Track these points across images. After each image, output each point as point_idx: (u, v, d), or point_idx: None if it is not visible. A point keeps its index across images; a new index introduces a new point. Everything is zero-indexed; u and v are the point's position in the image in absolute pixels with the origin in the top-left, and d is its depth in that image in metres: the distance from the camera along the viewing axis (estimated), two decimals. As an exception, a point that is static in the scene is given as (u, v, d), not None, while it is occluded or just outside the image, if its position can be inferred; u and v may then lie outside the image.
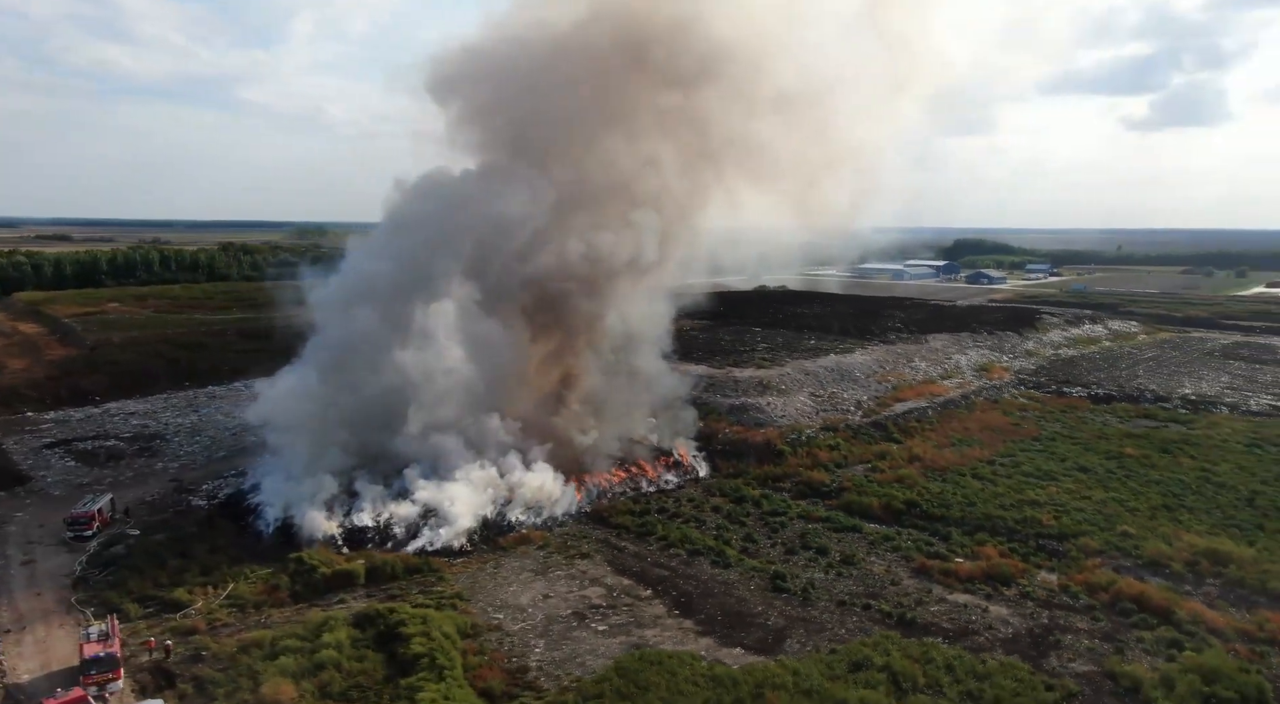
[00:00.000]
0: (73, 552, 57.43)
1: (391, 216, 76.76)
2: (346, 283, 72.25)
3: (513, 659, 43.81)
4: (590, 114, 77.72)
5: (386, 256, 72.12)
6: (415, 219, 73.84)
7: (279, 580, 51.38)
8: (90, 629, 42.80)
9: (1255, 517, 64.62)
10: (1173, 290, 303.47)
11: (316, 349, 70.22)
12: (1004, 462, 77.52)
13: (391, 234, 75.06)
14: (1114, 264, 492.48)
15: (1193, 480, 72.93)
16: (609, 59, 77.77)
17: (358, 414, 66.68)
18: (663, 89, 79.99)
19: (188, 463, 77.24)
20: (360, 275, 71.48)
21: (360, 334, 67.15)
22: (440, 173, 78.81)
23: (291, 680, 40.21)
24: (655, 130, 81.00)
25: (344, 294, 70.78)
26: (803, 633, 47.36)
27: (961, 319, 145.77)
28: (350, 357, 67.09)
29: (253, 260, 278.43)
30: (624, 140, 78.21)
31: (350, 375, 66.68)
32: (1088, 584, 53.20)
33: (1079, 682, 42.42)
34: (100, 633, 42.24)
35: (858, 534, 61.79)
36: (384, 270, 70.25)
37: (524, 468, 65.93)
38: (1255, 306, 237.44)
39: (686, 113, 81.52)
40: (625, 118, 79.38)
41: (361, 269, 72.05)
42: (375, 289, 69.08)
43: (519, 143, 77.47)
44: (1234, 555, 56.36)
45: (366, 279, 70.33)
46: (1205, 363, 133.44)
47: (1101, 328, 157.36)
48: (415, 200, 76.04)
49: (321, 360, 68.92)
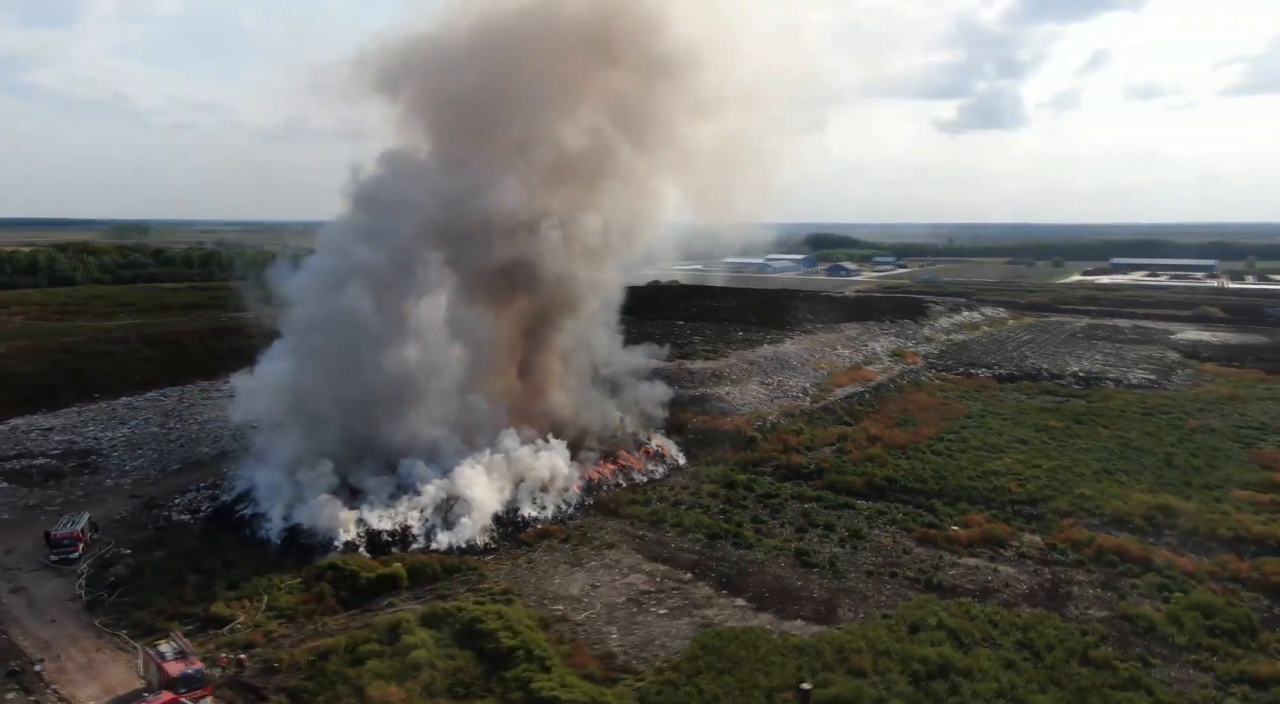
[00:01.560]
0: (62, 575, 53.46)
1: (363, 199, 73.66)
2: (329, 269, 69.06)
3: (594, 646, 44.75)
4: (553, 98, 78.17)
5: (364, 241, 69.59)
6: (390, 203, 71.35)
7: (321, 588, 49.93)
8: (161, 647, 40.55)
9: (1179, 475, 73.31)
10: (1008, 279, 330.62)
11: (297, 343, 67.28)
12: (950, 438, 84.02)
13: (367, 216, 72.07)
14: (949, 256, 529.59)
15: (1115, 447, 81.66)
16: (562, 40, 78.34)
17: (349, 407, 65.06)
18: (614, 74, 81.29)
19: (141, 478, 72.60)
20: (345, 260, 68.36)
21: (351, 325, 64.97)
22: (404, 156, 76.78)
23: (393, 683, 39.75)
24: (609, 117, 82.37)
25: (327, 281, 67.81)
26: (849, 602, 50.61)
27: (858, 309, 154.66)
28: (340, 349, 64.97)
29: (100, 262, 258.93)
30: (581, 125, 79.50)
31: (340, 369, 64.69)
32: (1071, 541, 59.19)
33: (1102, 625, 47.63)
34: (176, 650, 40.17)
35: (851, 511, 65.81)
36: (372, 257, 67.98)
37: (531, 452, 66.61)
38: (1084, 292, 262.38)
39: (637, 105, 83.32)
40: (579, 102, 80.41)
41: (349, 252, 68.90)
42: (363, 276, 66.65)
43: (480, 128, 76.93)
44: (1181, 509, 64.09)
45: (352, 264, 67.47)
46: (1075, 343, 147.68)
47: (978, 314, 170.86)
48: (386, 184, 73.44)
49: (305, 353, 66.18)
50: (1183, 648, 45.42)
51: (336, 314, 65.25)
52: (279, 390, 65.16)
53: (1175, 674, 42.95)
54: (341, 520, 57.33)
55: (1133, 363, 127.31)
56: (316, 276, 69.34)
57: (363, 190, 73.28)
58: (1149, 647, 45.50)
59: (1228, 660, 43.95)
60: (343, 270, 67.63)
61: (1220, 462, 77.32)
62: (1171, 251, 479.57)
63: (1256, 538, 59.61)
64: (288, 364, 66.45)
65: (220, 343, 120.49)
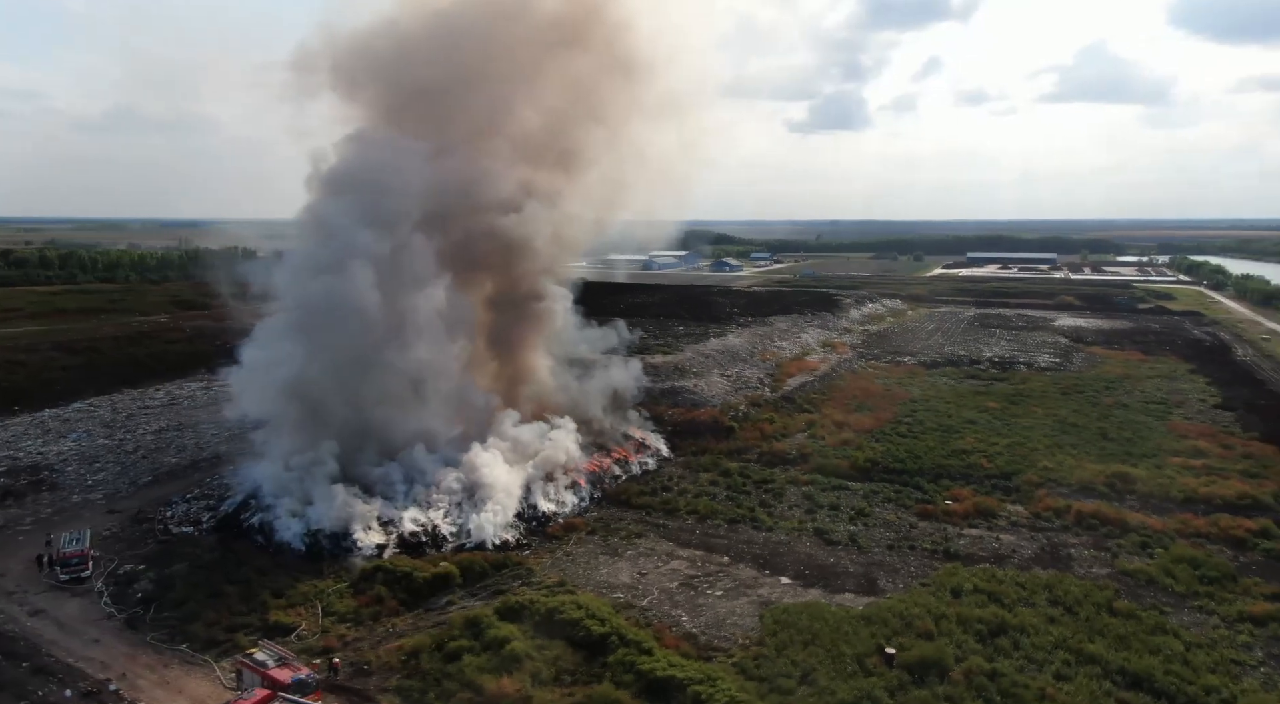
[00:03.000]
0: (77, 595, 50.41)
1: (345, 182, 71.21)
2: (319, 253, 66.52)
3: (673, 629, 46.25)
4: (520, 85, 78.52)
5: (357, 223, 67.54)
6: (375, 185, 69.46)
7: (377, 590, 49.25)
8: (259, 657, 39.40)
9: (1118, 447, 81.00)
10: (880, 273, 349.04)
11: (293, 332, 64.83)
12: (908, 421, 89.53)
13: (355, 199, 69.72)
14: (818, 252, 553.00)
15: (1052, 424, 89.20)
16: (527, 28, 78.84)
17: (349, 397, 63.80)
18: (578, 64, 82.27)
19: (111, 493, 68.27)
20: (337, 242, 66.03)
21: (355, 311, 63.39)
22: (382, 140, 74.57)
23: (501, 675, 40.12)
24: (576, 107, 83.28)
25: (320, 265, 65.43)
26: (884, 574, 54.05)
27: (775, 303, 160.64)
28: (344, 337, 63.30)
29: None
30: (551, 114, 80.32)
31: (344, 358, 63.21)
32: (1051, 509, 64.85)
33: (1111, 581, 52.88)
34: (277, 658, 39.17)
35: (847, 491, 69.57)
36: (370, 240, 66.27)
37: (537, 434, 67.57)
38: (954, 285, 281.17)
39: (601, 98, 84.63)
40: (544, 89, 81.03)
41: (341, 235, 66.56)
42: (362, 259, 64.85)
43: (447, 114, 76.43)
44: (1136, 476, 71.16)
45: (346, 247, 65.36)
46: (974, 331, 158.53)
47: (880, 306, 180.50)
48: (371, 166, 71.26)
49: (303, 340, 63.92)
50: (1183, 596, 51.09)
51: (337, 298, 63.13)
52: (278, 381, 62.77)
53: (1186, 618, 48.38)
54: (360, 516, 56.74)
55: (1034, 348, 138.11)
56: (307, 260, 66.56)
57: (345, 172, 70.27)
58: (1155, 597, 50.93)
59: (1224, 604, 49.80)
60: (336, 253, 65.27)
61: (1145, 433, 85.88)
62: (1014, 246, 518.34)
63: (1204, 498, 67.08)
64: (285, 351, 63.85)
65: (140, 349, 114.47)
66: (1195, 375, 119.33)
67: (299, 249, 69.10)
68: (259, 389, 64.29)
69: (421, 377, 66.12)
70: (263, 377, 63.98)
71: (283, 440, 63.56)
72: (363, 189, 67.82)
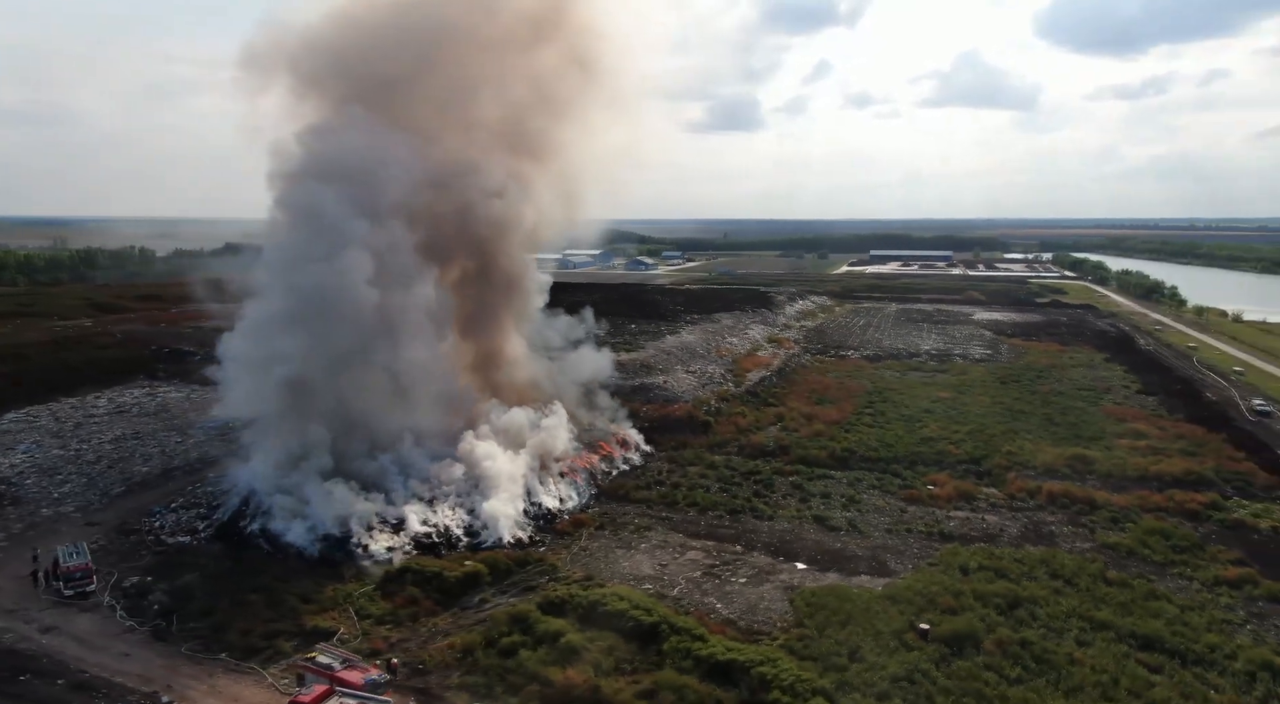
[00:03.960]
0: (84, 609, 48.36)
1: (326, 167, 69.35)
2: (305, 241, 64.78)
3: (711, 616, 47.60)
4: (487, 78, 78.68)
5: (346, 210, 66.14)
6: (356, 171, 68.10)
7: (410, 591, 48.96)
8: (322, 660, 38.89)
9: (1067, 431, 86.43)
10: (793, 271, 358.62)
11: (281, 323, 63.08)
12: (869, 412, 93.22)
13: (341, 187, 68.04)
14: (727, 250, 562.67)
15: (1001, 410, 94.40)
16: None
17: (336, 396, 62.97)
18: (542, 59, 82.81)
19: (83, 505, 65.05)
20: (323, 227, 64.45)
21: (351, 301, 62.46)
22: (361, 128, 72.99)
23: (565, 667, 40.71)
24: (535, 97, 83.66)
25: (306, 253, 63.81)
26: (892, 556, 56.71)
27: (718, 301, 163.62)
28: (341, 329, 62.27)
29: None
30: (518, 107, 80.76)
31: (340, 351, 62.26)
32: (1025, 491, 69.01)
33: (1095, 554, 56.92)
34: (342, 660, 38.79)
35: (832, 480, 72.27)
36: (360, 228, 65.06)
37: (528, 421, 68.85)
38: (867, 282, 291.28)
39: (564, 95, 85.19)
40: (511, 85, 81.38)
41: (328, 221, 64.98)
42: (356, 247, 63.66)
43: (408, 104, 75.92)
44: (1093, 457, 76.25)
45: (343, 236, 63.89)
46: (903, 325, 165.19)
47: (809, 303, 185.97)
48: (347, 151, 69.66)
49: (293, 331, 62.42)
50: (1162, 564, 55.48)
51: (334, 289, 61.66)
52: (275, 376, 61.10)
53: (1171, 585, 52.59)
54: (361, 516, 56.72)
55: (964, 341, 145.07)
56: (299, 250, 64.29)
57: (335, 160, 68.02)
58: (1139, 567, 55.13)
59: (1199, 570, 54.32)
60: (332, 243, 63.71)
61: (1086, 418, 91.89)
62: (911, 244, 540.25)
63: (1155, 475, 72.48)
64: (278, 345, 62.03)
65: (71, 354, 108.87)
66: (1111, 364, 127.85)
67: (289, 239, 66.48)
68: (249, 385, 62.50)
69: (411, 369, 65.77)
70: (255, 372, 62.10)
71: (272, 440, 62.04)
72: (354, 177, 66.36)
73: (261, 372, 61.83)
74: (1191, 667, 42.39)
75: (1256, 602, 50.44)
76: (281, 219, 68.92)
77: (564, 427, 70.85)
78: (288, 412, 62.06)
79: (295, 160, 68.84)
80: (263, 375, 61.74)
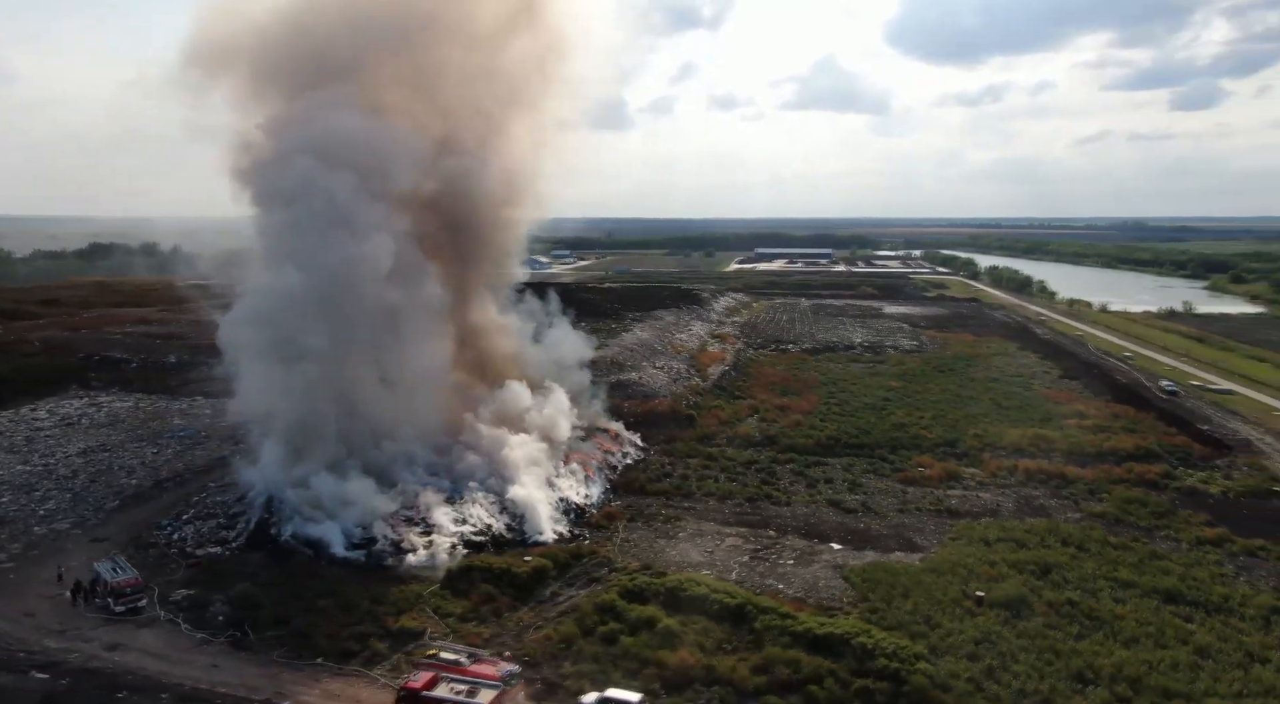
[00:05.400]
0: (141, 625, 46.39)
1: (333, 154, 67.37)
2: (306, 218, 63.05)
3: (781, 596, 49.94)
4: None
5: (348, 192, 64.75)
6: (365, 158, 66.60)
7: (485, 589, 49.25)
8: (447, 655, 39.13)
9: (1017, 414, 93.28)
10: (685, 269, 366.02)
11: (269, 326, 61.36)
12: (835, 402, 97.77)
13: (343, 175, 66.06)
14: (614, 249, 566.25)
15: (950, 397, 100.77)
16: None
17: (343, 390, 62.46)
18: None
19: (78, 521, 61.46)
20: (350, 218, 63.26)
21: (369, 282, 61.91)
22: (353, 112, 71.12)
23: (675, 649, 42.26)
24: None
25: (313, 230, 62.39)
26: (914, 533, 60.59)
27: (650, 299, 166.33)
28: (351, 332, 61.59)
29: None
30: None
31: (348, 351, 61.65)
32: (1004, 469, 74.54)
33: (1090, 523, 62.48)
34: (468, 654, 39.25)
35: (827, 466, 75.91)
36: (382, 216, 64.15)
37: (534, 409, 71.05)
38: (764, 279, 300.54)
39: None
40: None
41: (360, 214, 63.55)
42: (362, 228, 62.71)
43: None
44: (1050, 437, 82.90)
45: (356, 216, 62.58)
46: (825, 319, 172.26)
47: (732, 300, 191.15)
48: (335, 135, 67.84)
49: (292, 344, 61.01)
50: (1149, 529, 61.48)
51: (356, 277, 60.99)
52: (287, 369, 59.81)
53: (1163, 546, 58.46)
54: (394, 517, 56.93)
55: (888, 333, 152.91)
56: (304, 238, 62.17)
57: (343, 145, 66.21)
58: (1130, 532, 60.89)
59: (1182, 532, 60.54)
60: (350, 226, 62.72)
61: (1027, 401, 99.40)
62: (790, 242, 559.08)
63: (1110, 451, 79.60)
64: (300, 338, 60.40)
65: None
66: (1025, 352, 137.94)
67: (295, 228, 63.50)
68: (263, 381, 60.87)
69: (418, 357, 66.00)
70: (271, 366, 60.41)
71: (287, 438, 60.70)
72: (362, 159, 64.85)
73: (278, 366, 60.33)
74: (1215, 615, 47.65)
75: (1238, 557, 56.74)
76: (278, 206, 65.72)
77: (566, 414, 71.98)
78: (305, 408, 60.72)
79: (292, 143, 66.07)
80: (279, 370, 60.28)
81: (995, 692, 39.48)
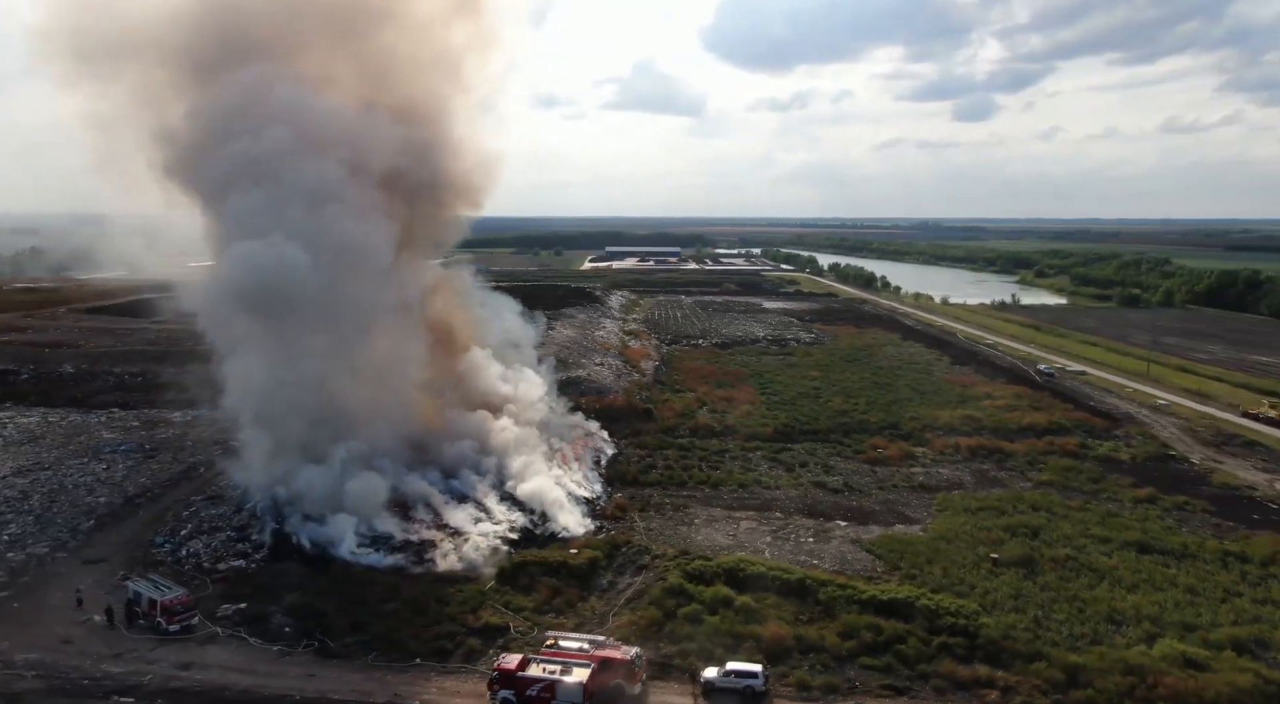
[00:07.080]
0: (201, 642, 44.46)
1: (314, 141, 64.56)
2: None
3: (820, 569, 53.54)
4: None
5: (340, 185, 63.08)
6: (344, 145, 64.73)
7: (550, 582, 50.15)
8: (568, 644, 40.34)
9: (936, 397, 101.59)
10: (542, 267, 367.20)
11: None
12: (773, 391, 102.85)
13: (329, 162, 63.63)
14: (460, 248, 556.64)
15: (869, 385, 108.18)
16: None
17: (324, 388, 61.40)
18: None
19: (54, 544, 56.72)
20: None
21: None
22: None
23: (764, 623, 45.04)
24: None
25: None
26: (905, 508, 65.83)
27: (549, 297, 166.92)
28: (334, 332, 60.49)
29: None
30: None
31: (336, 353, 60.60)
32: (950, 446, 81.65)
33: (1044, 490, 69.93)
34: (590, 641, 40.58)
35: (791, 451, 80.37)
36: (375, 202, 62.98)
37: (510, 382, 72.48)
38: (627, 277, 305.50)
39: None
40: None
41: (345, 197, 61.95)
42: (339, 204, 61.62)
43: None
44: (975, 417, 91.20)
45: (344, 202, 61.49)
46: (716, 315, 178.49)
47: (621, 298, 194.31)
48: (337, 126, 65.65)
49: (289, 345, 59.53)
50: (1091, 493, 69.42)
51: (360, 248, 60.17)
52: (284, 382, 58.24)
53: (1112, 506, 66.11)
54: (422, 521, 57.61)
55: (782, 327, 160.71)
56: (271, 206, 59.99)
57: (325, 130, 63.81)
58: (1078, 496, 68.61)
59: (1120, 493, 68.92)
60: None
61: (937, 386, 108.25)
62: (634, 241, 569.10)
63: (1028, 426, 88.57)
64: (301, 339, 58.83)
65: None
66: (909, 342, 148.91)
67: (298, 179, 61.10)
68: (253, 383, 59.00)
69: (399, 348, 66.22)
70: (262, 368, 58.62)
71: (267, 440, 59.25)
72: (342, 143, 63.30)
73: (268, 368, 58.63)
74: (1184, 561, 55.22)
75: (1171, 512, 65.37)
76: (244, 185, 61.99)
77: (539, 391, 74.01)
78: (299, 409, 59.04)
79: (248, 120, 62.44)
80: (270, 372, 58.64)
81: (1051, 637, 44.66)
